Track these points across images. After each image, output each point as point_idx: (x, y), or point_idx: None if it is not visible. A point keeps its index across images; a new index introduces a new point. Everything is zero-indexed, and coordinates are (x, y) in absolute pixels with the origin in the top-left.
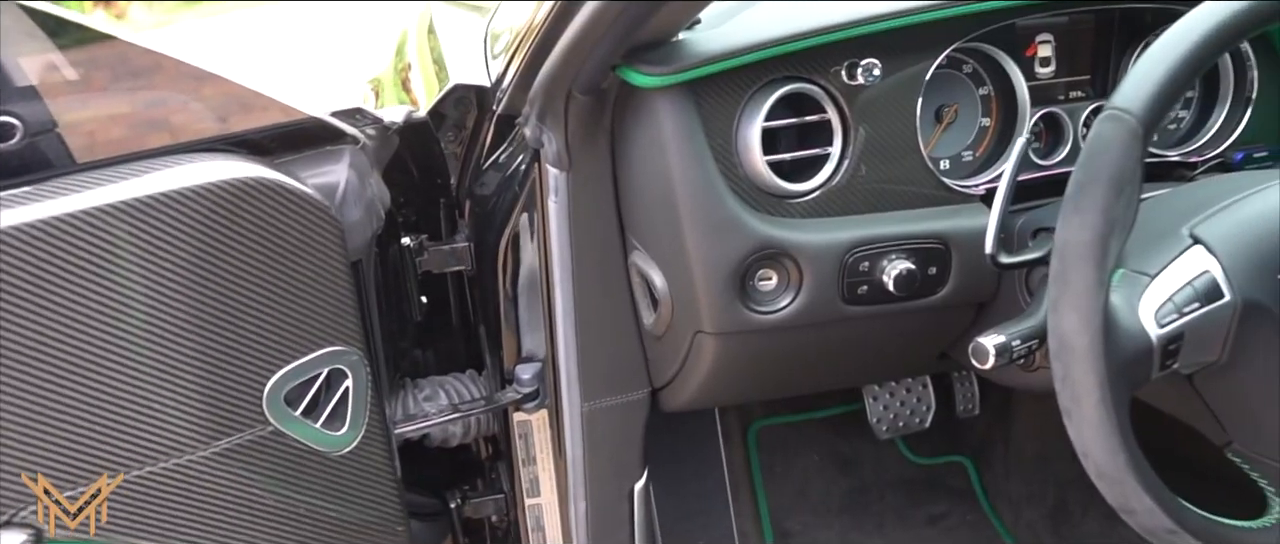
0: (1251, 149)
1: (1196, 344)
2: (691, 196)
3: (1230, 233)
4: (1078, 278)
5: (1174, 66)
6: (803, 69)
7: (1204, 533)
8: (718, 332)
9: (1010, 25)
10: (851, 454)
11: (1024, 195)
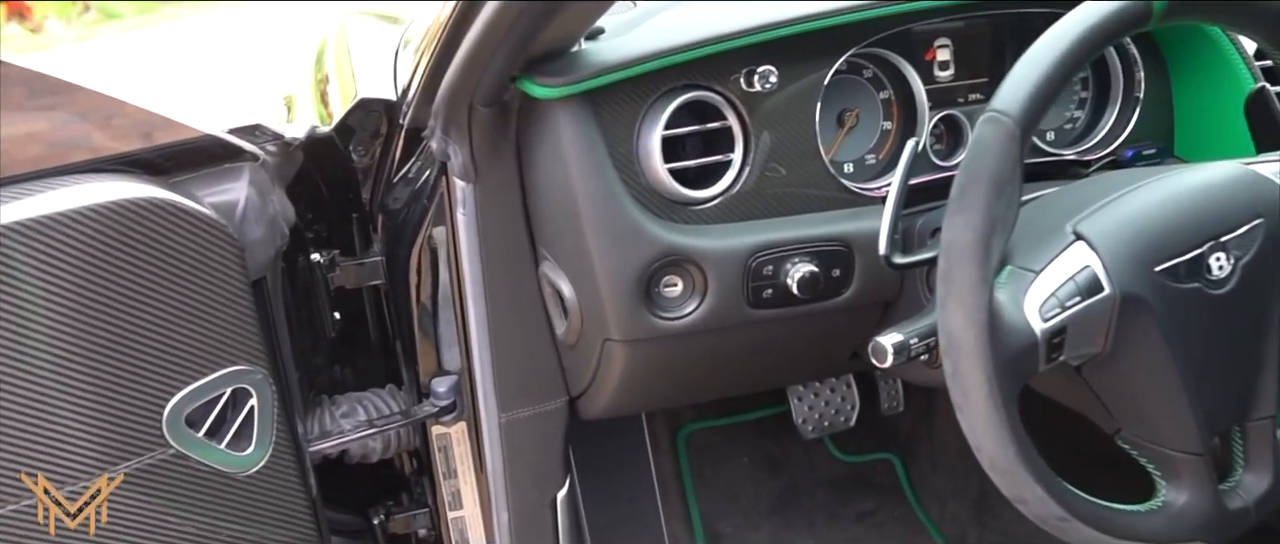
0: (1141, 146)
1: (1079, 336)
2: (593, 206)
3: (1109, 229)
4: (962, 276)
5: (1047, 71)
6: (702, 77)
7: (1093, 518)
8: (625, 339)
9: (907, 31)
10: (780, 455)
11: (926, 196)
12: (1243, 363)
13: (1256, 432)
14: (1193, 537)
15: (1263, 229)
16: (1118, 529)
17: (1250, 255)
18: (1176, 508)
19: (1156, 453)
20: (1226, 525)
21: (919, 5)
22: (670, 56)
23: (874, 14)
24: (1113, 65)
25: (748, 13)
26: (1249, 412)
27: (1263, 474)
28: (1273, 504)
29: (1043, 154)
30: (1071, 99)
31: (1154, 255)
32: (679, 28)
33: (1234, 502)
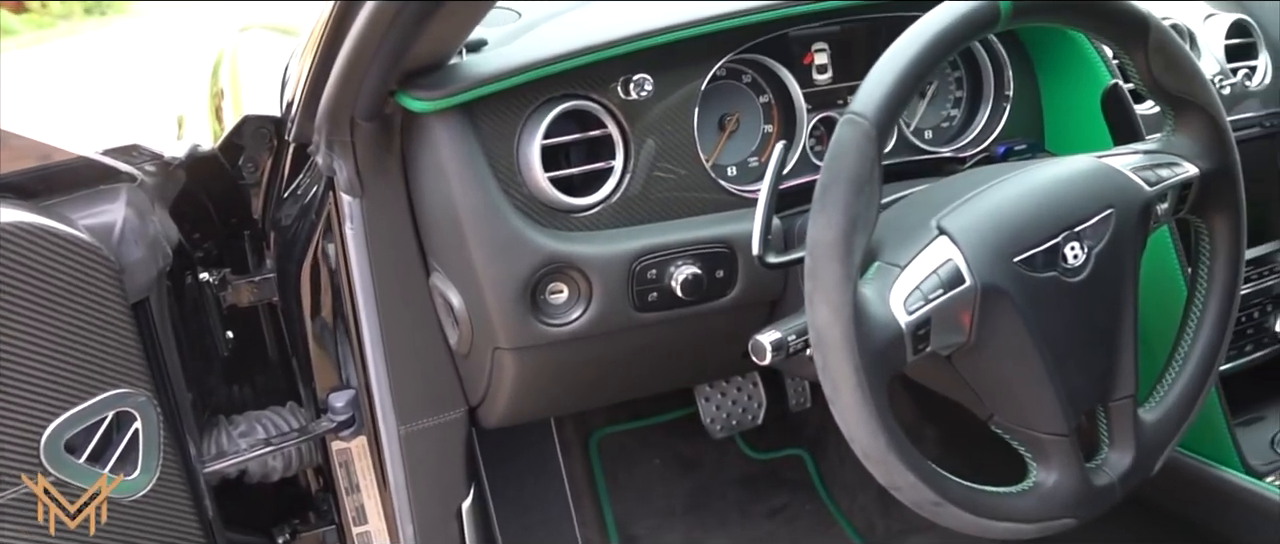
0: (1012, 142)
1: (944, 327)
2: (474, 217)
3: (970, 223)
4: (827, 273)
5: (899, 74)
6: (580, 86)
7: (966, 502)
8: (514, 347)
9: (784, 36)
10: (692, 455)
11: (807, 197)
12: (1101, 346)
13: (1118, 411)
14: (1062, 514)
15: (1114, 218)
16: (990, 511)
17: (1103, 243)
18: (1046, 488)
19: (1026, 435)
20: (1094, 501)
21: (786, 11)
22: (545, 67)
23: (744, 21)
24: (984, 66)
25: (626, 22)
26: (1110, 392)
27: (1126, 451)
28: (1136, 479)
29: (921, 152)
30: (947, 99)
31: (1012, 247)
32: (557, 39)
33: (1100, 479)
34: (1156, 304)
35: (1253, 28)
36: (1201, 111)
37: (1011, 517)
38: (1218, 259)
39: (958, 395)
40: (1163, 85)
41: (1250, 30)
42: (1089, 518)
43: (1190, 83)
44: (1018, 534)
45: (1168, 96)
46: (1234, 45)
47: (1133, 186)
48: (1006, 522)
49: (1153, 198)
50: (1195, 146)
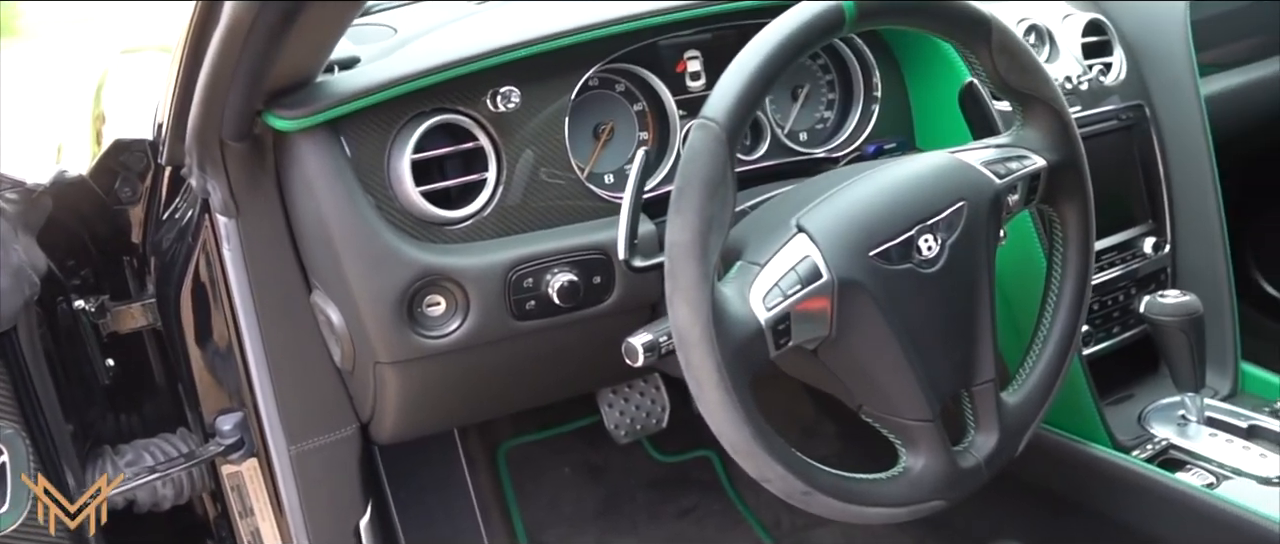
0: (883, 141)
1: (804, 322)
2: (346, 233)
3: (828, 221)
4: (684, 274)
5: (748, 79)
6: (448, 100)
7: (835, 490)
8: (393, 361)
9: (654, 45)
10: (601, 462)
11: None
12: (960, 333)
13: (981, 395)
14: (931, 497)
15: (966, 210)
16: (860, 498)
17: (956, 235)
18: (915, 472)
19: (893, 423)
20: (961, 483)
21: (649, 22)
22: (409, 83)
23: (609, 32)
24: (853, 69)
25: (495, 36)
26: (972, 378)
27: (991, 434)
28: (1002, 460)
29: (795, 153)
30: (820, 101)
31: (867, 241)
32: (426, 54)
33: (967, 461)
34: (1025, 291)
35: (1107, 26)
36: (1046, 107)
37: (882, 502)
38: (1070, 246)
39: (828, 387)
40: (1009, 83)
41: (1105, 29)
42: (958, 499)
43: (1034, 80)
44: (890, 518)
45: (1014, 94)
46: (1090, 43)
47: (983, 180)
48: (878, 507)
49: (1002, 190)
50: (1043, 140)
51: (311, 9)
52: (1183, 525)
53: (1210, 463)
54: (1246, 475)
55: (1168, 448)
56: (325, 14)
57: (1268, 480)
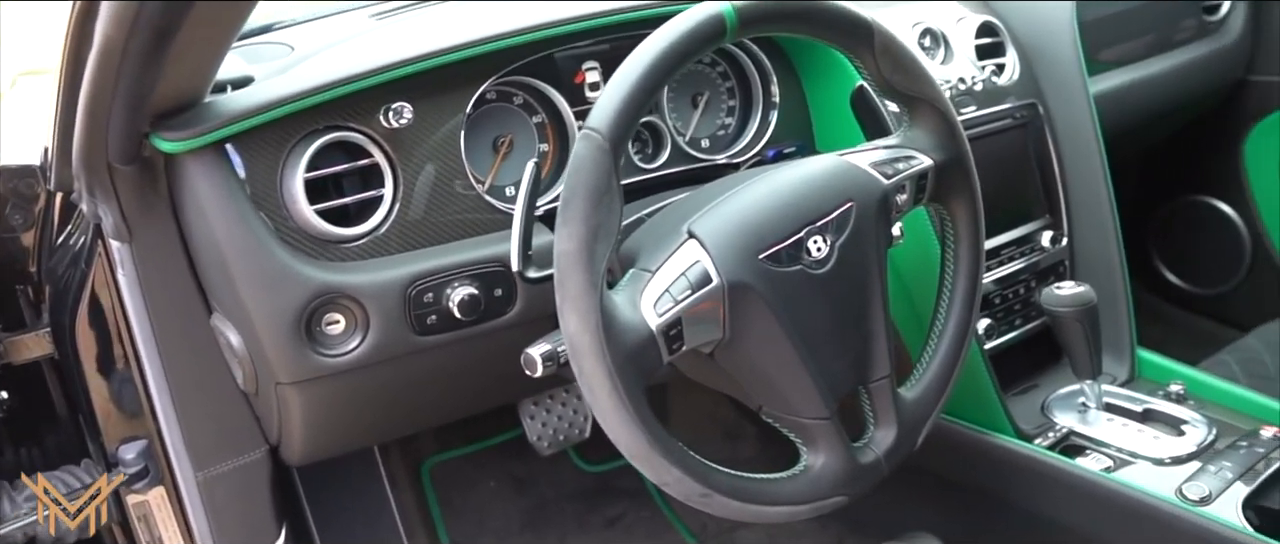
0: (782, 146)
1: (696, 326)
2: (239, 254)
3: (718, 226)
4: (572, 283)
5: (630, 89)
6: (341, 117)
7: (734, 490)
8: (294, 381)
9: (550, 57)
10: (527, 474)
11: None
12: (853, 332)
13: (878, 392)
14: (832, 493)
15: (854, 211)
16: (760, 497)
17: (845, 235)
18: (816, 470)
19: (791, 422)
20: (861, 478)
21: (537, 36)
22: (297, 101)
23: (499, 47)
24: (752, 77)
25: (387, 52)
26: (868, 375)
27: (889, 429)
28: (902, 454)
29: (698, 161)
30: (721, 108)
31: (756, 245)
32: (317, 72)
33: (866, 456)
34: (926, 287)
35: (1000, 28)
36: (931, 107)
37: (782, 501)
38: (961, 243)
39: (729, 389)
40: (893, 85)
41: (998, 31)
42: (859, 494)
43: (918, 82)
44: (792, 516)
45: (899, 95)
46: (984, 45)
47: (870, 180)
48: (778, 506)
49: (890, 190)
50: (929, 140)
51: (187, 32)
52: (1083, 509)
53: (1108, 447)
54: (1142, 458)
55: (1068, 435)
56: (202, 37)
57: (1161, 461)
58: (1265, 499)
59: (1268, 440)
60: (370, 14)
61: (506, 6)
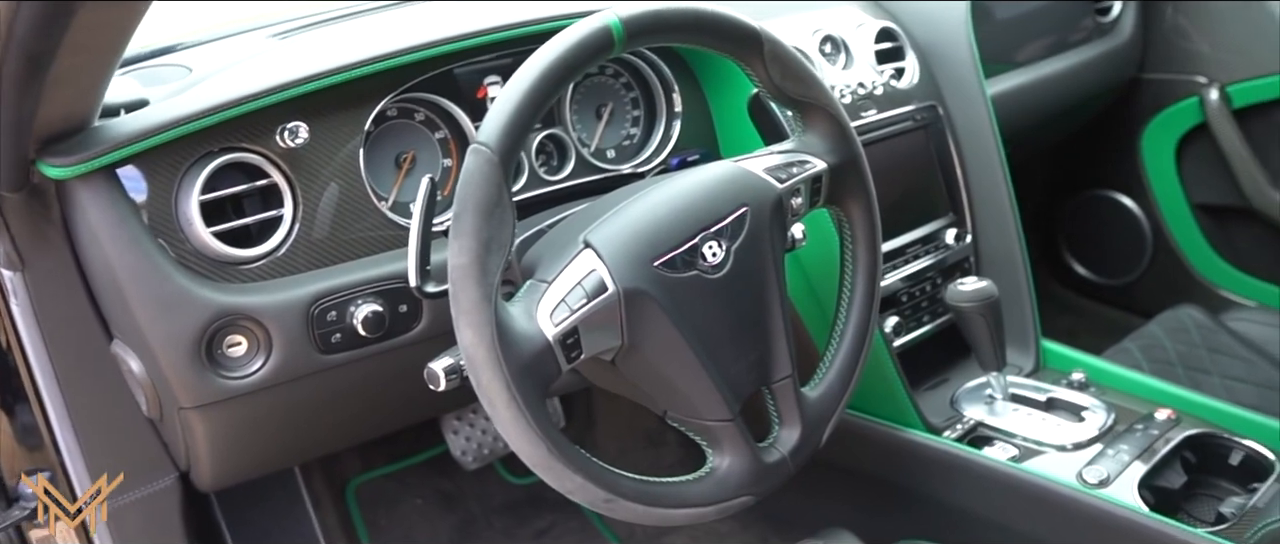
0: (686, 154)
1: (594, 334)
2: (134, 279)
3: (613, 234)
4: (465, 296)
5: (518, 103)
6: (236, 138)
7: (639, 494)
8: (196, 406)
9: (449, 73)
10: (454, 490)
11: None
12: (752, 334)
13: (781, 392)
14: (738, 493)
15: (748, 215)
16: (665, 500)
17: (740, 240)
18: (721, 471)
19: (696, 425)
20: (767, 477)
21: (428, 53)
22: (187, 124)
23: (392, 64)
24: (654, 87)
25: (281, 72)
26: (770, 376)
27: (794, 427)
28: (807, 452)
29: (603, 171)
30: (625, 119)
31: (651, 252)
32: (209, 94)
33: (772, 456)
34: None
35: (899, 33)
36: (823, 112)
37: (688, 503)
38: (858, 244)
39: (633, 395)
40: (784, 91)
41: (897, 35)
42: (765, 493)
43: (808, 87)
44: (698, 518)
45: (791, 101)
46: (883, 49)
47: (764, 185)
48: (684, 508)
49: (784, 194)
50: (822, 144)
51: (63, 58)
52: (990, 497)
53: (1014, 437)
54: (1046, 445)
55: (976, 426)
56: (81, 62)
57: (1063, 448)
58: (1160, 479)
59: (1162, 422)
60: (270, 34)
61: (410, 23)
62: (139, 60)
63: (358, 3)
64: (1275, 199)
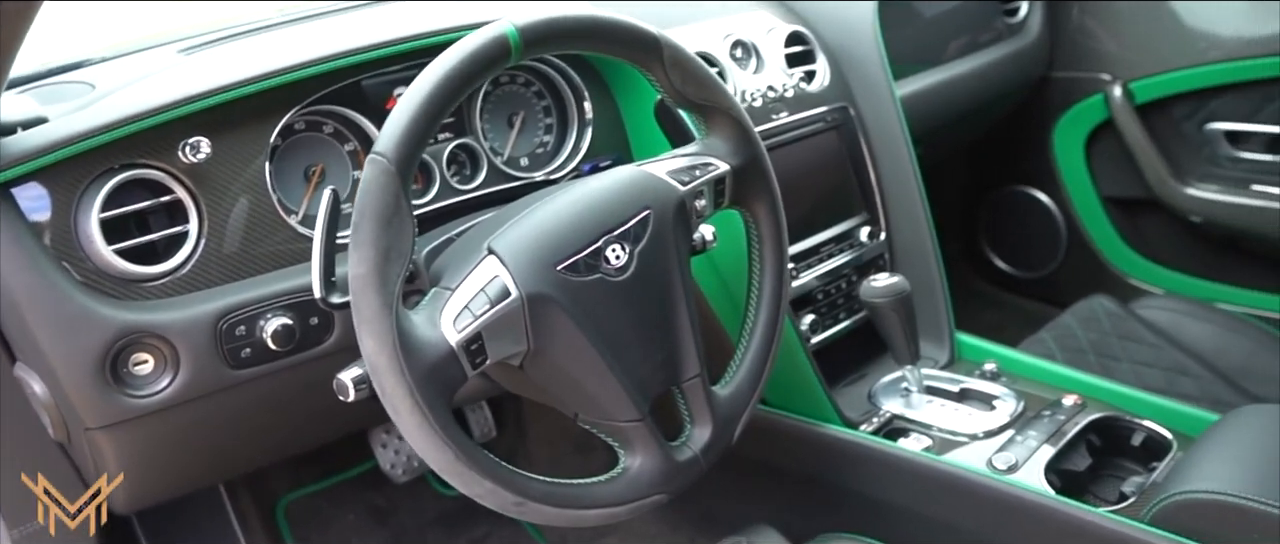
0: (598, 160)
1: (499, 340)
2: (32, 300)
3: (516, 240)
4: (365, 305)
5: (414, 114)
6: (136, 155)
7: (549, 497)
8: (102, 426)
9: (356, 84)
10: (386, 504)
11: None
12: (659, 335)
13: (691, 390)
14: (650, 492)
15: (652, 218)
16: (577, 502)
17: (644, 242)
18: (633, 471)
19: (608, 427)
20: (680, 475)
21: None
22: (85, 141)
23: (295, 77)
24: (565, 95)
25: (182, 87)
26: (679, 375)
27: (705, 426)
28: (719, 449)
29: (516, 179)
30: (538, 127)
31: (554, 256)
32: (107, 110)
33: (684, 454)
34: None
35: (809, 36)
36: (724, 114)
37: (600, 503)
38: (764, 243)
39: (545, 399)
40: (686, 96)
41: (807, 39)
42: (678, 491)
43: (709, 91)
44: (611, 518)
45: (692, 105)
46: (793, 53)
47: (667, 188)
48: (596, 508)
49: (687, 196)
50: (725, 146)
51: None
52: (906, 486)
53: (929, 428)
54: (960, 435)
55: (892, 419)
56: None
57: (975, 436)
58: (1066, 462)
59: (1069, 408)
60: (179, 49)
61: (319, 36)
62: (42, 78)
63: (308, 5)
64: (1178, 190)
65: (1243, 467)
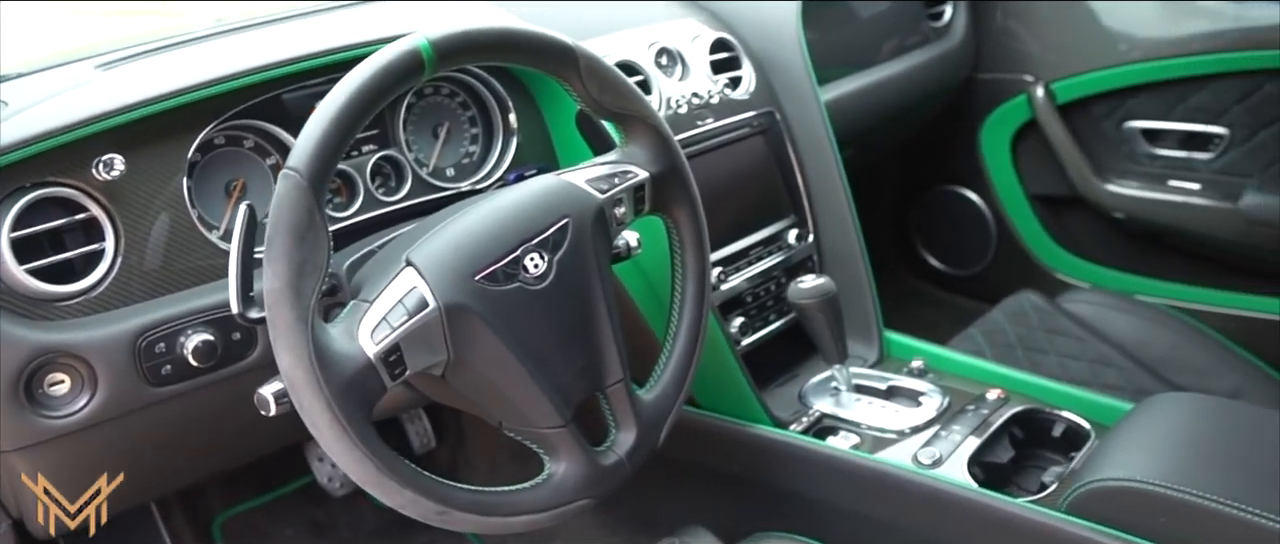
0: (523, 169)
1: (418, 351)
2: None
3: (434, 252)
4: (280, 320)
5: (327, 128)
6: (48, 173)
7: (472, 505)
8: (19, 448)
9: (277, 98)
10: (325, 518)
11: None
12: (580, 342)
13: (614, 395)
14: (575, 497)
15: (571, 226)
16: (500, 509)
17: (563, 251)
18: (558, 477)
19: (532, 434)
20: (605, 480)
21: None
22: None
23: (209, 93)
24: (490, 105)
25: (94, 104)
26: (601, 381)
27: (630, 430)
28: (644, 452)
29: (442, 190)
30: (464, 137)
31: (471, 266)
32: (16, 129)
33: (609, 458)
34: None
35: (734, 43)
36: (643, 123)
37: (524, 510)
38: (686, 249)
39: (470, 408)
40: (603, 105)
41: (732, 46)
42: (603, 495)
43: (626, 99)
44: (535, 524)
45: (611, 114)
46: (718, 59)
47: (586, 196)
48: (520, 515)
49: (606, 204)
50: (644, 153)
51: None
52: (834, 483)
53: (857, 426)
54: (887, 431)
55: (821, 418)
56: None
57: (902, 432)
58: (989, 455)
59: (992, 402)
60: (96, 64)
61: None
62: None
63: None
64: (1100, 188)
65: (1152, 454)
